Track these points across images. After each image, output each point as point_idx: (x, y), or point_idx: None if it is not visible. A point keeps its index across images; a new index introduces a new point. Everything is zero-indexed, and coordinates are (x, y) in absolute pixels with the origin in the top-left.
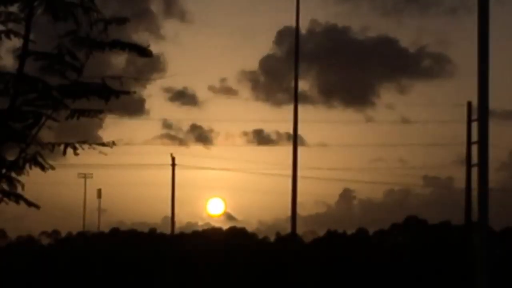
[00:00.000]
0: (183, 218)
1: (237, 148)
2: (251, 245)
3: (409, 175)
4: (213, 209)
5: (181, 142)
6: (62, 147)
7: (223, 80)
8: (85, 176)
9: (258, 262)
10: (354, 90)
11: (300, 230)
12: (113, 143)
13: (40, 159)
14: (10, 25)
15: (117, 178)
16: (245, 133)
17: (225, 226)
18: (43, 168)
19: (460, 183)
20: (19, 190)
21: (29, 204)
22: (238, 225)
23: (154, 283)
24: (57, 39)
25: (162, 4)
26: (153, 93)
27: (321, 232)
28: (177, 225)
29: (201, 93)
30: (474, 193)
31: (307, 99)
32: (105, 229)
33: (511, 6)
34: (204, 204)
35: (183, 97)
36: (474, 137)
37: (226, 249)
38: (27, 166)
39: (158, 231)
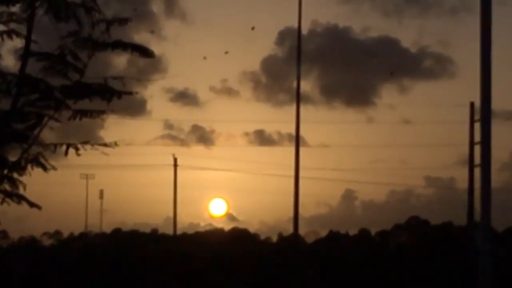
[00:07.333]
0: (185, 219)
1: (238, 149)
2: (253, 246)
3: (411, 175)
4: (215, 209)
5: (183, 142)
6: (64, 147)
7: (224, 80)
8: (87, 177)
9: (261, 263)
10: (355, 90)
11: (302, 231)
12: (116, 144)
13: (42, 160)
14: (12, 26)
15: (119, 178)
16: (247, 134)
17: (227, 226)
18: (45, 168)
19: (463, 184)
20: (21, 190)
21: (31, 204)
22: (240, 225)
23: (156, 283)
24: (59, 39)
25: (163, 5)
26: (154, 94)
27: (323, 233)
28: (179, 225)
29: (203, 93)
30: (477, 193)
31: (308, 100)
32: (107, 229)
33: None
34: (206, 205)
35: (184, 97)
36: (477, 137)
37: (228, 250)
38: (29, 166)
39: (160, 231)
